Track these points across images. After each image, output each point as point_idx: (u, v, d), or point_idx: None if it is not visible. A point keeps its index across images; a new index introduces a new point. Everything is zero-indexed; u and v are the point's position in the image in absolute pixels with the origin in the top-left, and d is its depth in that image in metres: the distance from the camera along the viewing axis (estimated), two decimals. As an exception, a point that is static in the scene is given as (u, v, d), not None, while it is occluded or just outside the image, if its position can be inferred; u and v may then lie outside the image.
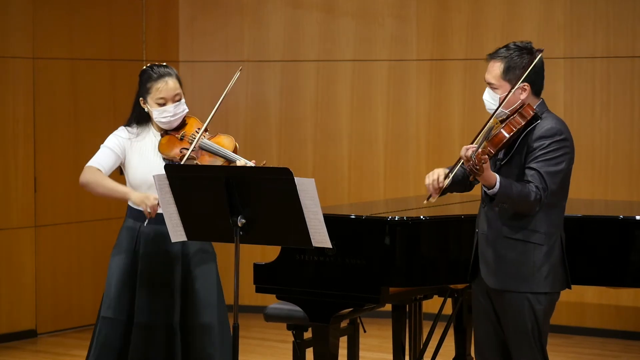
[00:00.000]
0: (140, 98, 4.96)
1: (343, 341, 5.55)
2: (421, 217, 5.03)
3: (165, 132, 4.95)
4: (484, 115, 4.52)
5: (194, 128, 4.95)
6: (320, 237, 4.24)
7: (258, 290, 5.23)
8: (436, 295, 5.85)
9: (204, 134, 4.91)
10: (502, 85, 4.42)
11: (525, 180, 4.33)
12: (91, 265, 8.31)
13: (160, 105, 4.89)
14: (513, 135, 4.34)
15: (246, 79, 8.94)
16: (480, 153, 4.19)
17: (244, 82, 8.93)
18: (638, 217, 5.16)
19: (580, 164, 7.92)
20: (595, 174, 8.06)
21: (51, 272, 8.08)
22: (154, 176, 4.47)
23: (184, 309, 4.91)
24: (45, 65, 8.01)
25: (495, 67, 4.44)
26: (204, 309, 4.92)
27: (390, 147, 8.66)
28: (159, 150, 4.91)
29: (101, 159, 4.91)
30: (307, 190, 4.19)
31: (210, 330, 4.90)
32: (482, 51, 4.58)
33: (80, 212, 8.22)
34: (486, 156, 4.21)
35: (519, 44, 4.45)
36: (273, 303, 5.46)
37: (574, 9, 8.09)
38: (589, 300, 8.06)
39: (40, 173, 7.99)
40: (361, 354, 5.82)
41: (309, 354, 5.34)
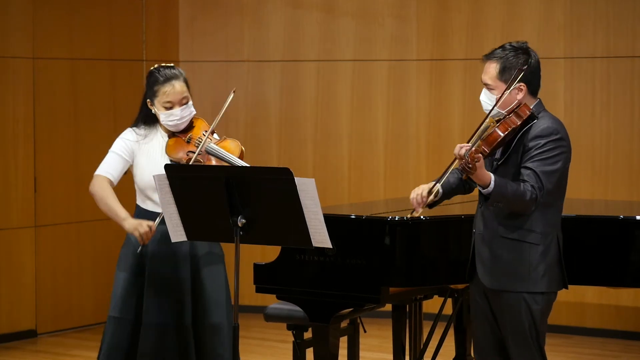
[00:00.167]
0: (148, 100, 4.94)
1: (343, 341, 5.55)
2: (421, 217, 5.02)
3: (173, 134, 4.94)
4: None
5: (201, 130, 4.93)
6: (320, 237, 4.24)
7: (258, 290, 5.22)
8: (436, 295, 5.85)
9: (211, 137, 4.89)
10: (498, 86, 4.41)
11: (521, 180, 4.32)
12: (91, 265, 8.30)
13: (167, 108, 4.87)
14: (508, 135, 4.32)
15: (246, 79, 8.94)
16: (473, 152, 4.18)
17: (244, 82, 8.93)
18: (638, 217, 5.15)
19: (580, 164, 7.96)
20: (596, 174, 8.06)
21: (51, 272, 8.07)
22: (154, 176, 4.46)
23: (194, 310, 4.90)
24: (45, 65, 8.01)
25: (491, 68, 4.44)
26: (213, 309, 4.91)
27: (390, 147, 8.65)
28: (166, 152, 4.89)
29: (110, 167, 4.90)
30: (307, 190, 4.19)
31: (220, 331, 4.89)
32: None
33: (80, 212, 8.21)
34: (479, 155, 4.20)
35: (514, 44, 4.45)
36: (273, 303, 5.46)
37: (574, 8, 8.08)
38: (589, 300, 8.06)
39: (40, 173, 7.99)
40: (361, 354, 5.82)
41: (309, 354, 5.33)
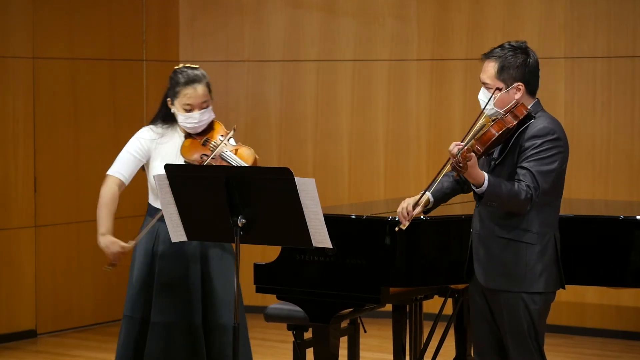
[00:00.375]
0: (168, 99, 4.94)
1: (343, 341, 5.55)
2: (421, 217, 5.02)
3: (189, 135, 4.93)
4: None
5: (218, 134, 4.92)
6: (320, 237, 4.24)
7: (258, 290, 5.22)
8: (437, 296, 5.84)
9: (226, 142, 4.88)
10: (496, 85, 4.40)
11: (517, 180, 4.30)
12: (91, 265, 8.29)
13: (187, 110, 4.87)
14: (503, 134, 4.29)
15: (246, 78, 8.94)
16: (465, 151, 4.16)
17: (244, 82, 8.92)
18: (638, 217, 5.15)
19: (580, 164, 7.95)
20: (596, 173, 8.05)
21: (51, 272, 8.07)
22: (153, 176, 4.46)
23: (204, 309, 4.90)
24: (45, 65, 8.00)
25: (490, 67, 4.43)
26: (222, 309, 4.90)
27: (390, 147, 8.65)
28: (181, 153, 4.89)
29: (122, 167, 4.91)
30: (308, 190, 4.19)
31: (228, 331, 4.86)
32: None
33: (80, 212, 8.21)
34: (472, 154, 4.18)
35: (513, 44, 4.44)
36: (273, 303, 5.46)
37: (574, 8, 8.08)
38: (590, 300, 8.05)
39: (40, 173, 7.98)
40: (361, 354, 5.81)
41: (310, 354, 5.33)
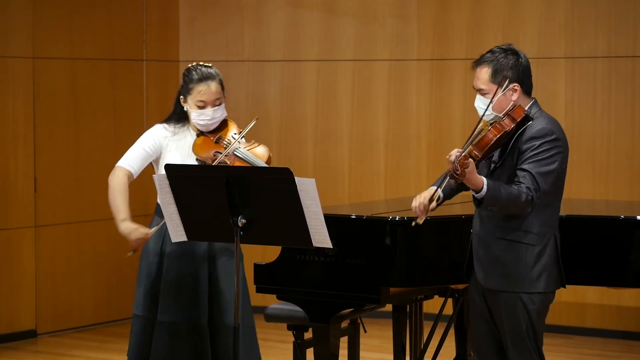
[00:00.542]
0: (181, 96, 4.94)
1: (344, 341, 5.54)
2: (422, 217, 5.01)
3: (201, 133, 4.93)
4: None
5: (231, 132, 4.92)
6: (320, 237, 4.23)
7: (258, 290, 5.22)
8: (437, 296, 5.84)
9: (239, 140, 4.86)
10: (492, 89, 4.39)
11: (517, 182, 4.30)
12: (91, 265, 8.29)
13: (200, 107, 4.87)
14: (501, 138, 4.28)
15: (246, 78, 8.93)
16: (463, 157, 4.14)
17: (244, 82, 8.92)
18: (639, 217, 5.15)
19: (581, 164, 7.95)
20: (596, 174, 8.05)
21: (51, 272, 8.06)
22: (153, 176, 4.46)
23: (211, 310, 4.89)
24: (45, 65, 8.00)
25: (483, 72, 4.42)
26: (229, 309, 4.88)
27: (390, 147, 8.64)
28: (193, 151, 4.88)
29: (132, 159, 4.88)
30: (308, 190, 4.18)
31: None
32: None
33: (80, 212, 8.21)
34: (469, 160, 4.16)
35: (502, 47, 4.46)
36: (273, 303, 5.45)
37: (574, 8, 8.07)
38: (590, 300, 8.05)
39: (40, 173, 7.98)
40: (362, 354, 5.81)
41: (310, 354, 5.33)
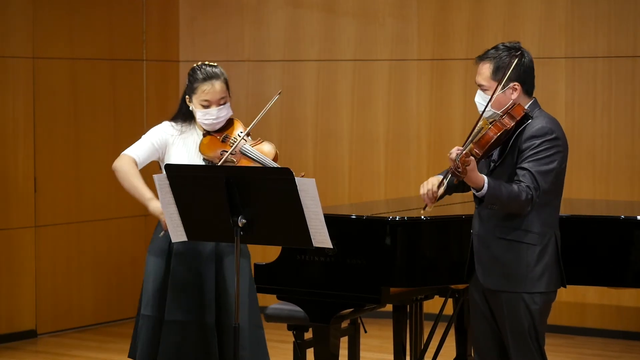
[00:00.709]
0: (187, 96, 4.93)
1: (344, 341, 5.54)
2: (422, 217, 5.02)
3: (208, 132, 4.92)
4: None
5: (237, 131, 4.91)
6: (320, 237, 4.23)
7: (258, 290, 5.20)
8: (437, 296, 5.84)
9: (246, 138, 4.87)
10: (493, 86, 4.38)
11: (517, 180, 4.29)
12: (91, 265, 8.29)
13: (205, 107, 4.86)
14: (501, 136, 4.28)
15: (246, 78, 8.93)
16: (464, 155, 4.14)
17: (245, 82, 8.92)
18: (639, 217, 5.14)
19: (581, 164, 7.95)
20: (597, 174, 8.05)
21: (51, 272, 8.06)
22: (154, 176, 4.45)
23: (218, 310, 4.87)
24: (45, 65, 8.00)
25: (485, 68, 4.41)
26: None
27: (391, 147, 8.64)
28: (200, 150, 4.87)
29: (139, 150, 4.87)
30: (308, 190, 4.18)
31: (242, 332, 4.79)
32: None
33: (80, 212, 8.21)
34: (470, 158, 4.15)
35: (507, 44, 4.42)
36: (273, 303, 5.45)
37: (575, 8, 8.07)
38: (590, 300, 8.04)
39: (40, 173, 7.98)
40: (362, 354, 5.81)
41: (310, 354, 5.33)
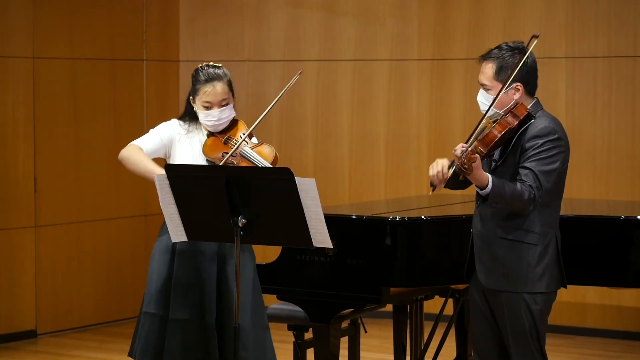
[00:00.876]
0: (190, 97, 4.94)
1: (344, 341, 5.54)
2: (422, 217, 5.01)
3: (211, 134, 4.93)
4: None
5: (240, 132, 4.92)
6: (321, 237, 4.23)
7: (259, 290, 5.21)
8: (437, 296, 5.84)
9: (247, 140, 4.87)
10: (495, 86, 4.38)
11: (519, 180, 4.29)
12: (91, 265, 8.29)
13: (206, 108, 4.86)
14: (505, 135, 4.29)
15: (246, 78, 8.93)
16: (469, 152, 4.15)
17: (245, 82, 8.91)
18: (639, 217, 5.15)
19: (581, 164, 7.95)
20: (597, 174, 8.05)
21: (51, 272, 8.06)
22: (154, 176, 4.45)
23: (220, 310, 4.87)
24: (45, 65, 8.00)
25: (488, 68, 4.41)
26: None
27: (391, 147, 8.64)
28: (203, 152, 4.88)
29: (146, 141, 4.87)
30: (308, 190, 4.18)
31: (244, 332, 4.79)
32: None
33: (80, 212, 8.20)
34: (476, 155, 4.16)
35: (511, 44, 4.42)
36: (274, 303, 5.45)
37: (575, 8, 8.07)
38: (591, 300, 8.04)
39: (40, 173, 7.98)
40: (362, 354, 5.81)
41: (310, 354, 5.32)
